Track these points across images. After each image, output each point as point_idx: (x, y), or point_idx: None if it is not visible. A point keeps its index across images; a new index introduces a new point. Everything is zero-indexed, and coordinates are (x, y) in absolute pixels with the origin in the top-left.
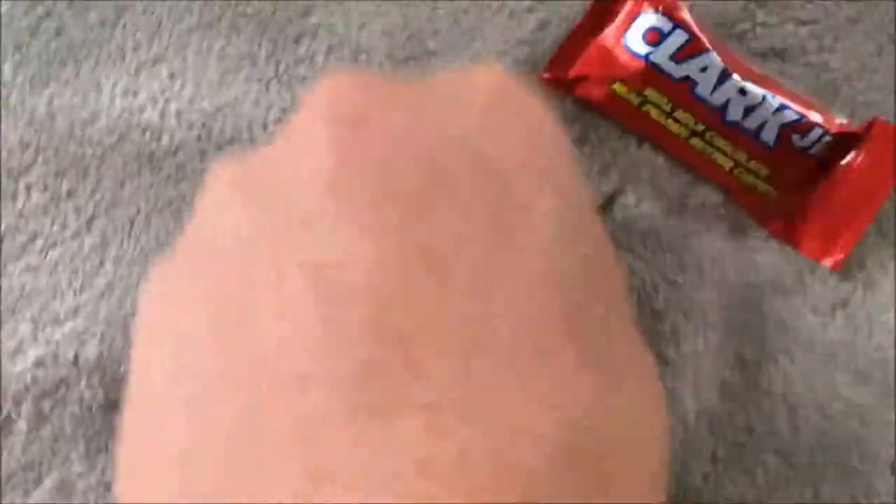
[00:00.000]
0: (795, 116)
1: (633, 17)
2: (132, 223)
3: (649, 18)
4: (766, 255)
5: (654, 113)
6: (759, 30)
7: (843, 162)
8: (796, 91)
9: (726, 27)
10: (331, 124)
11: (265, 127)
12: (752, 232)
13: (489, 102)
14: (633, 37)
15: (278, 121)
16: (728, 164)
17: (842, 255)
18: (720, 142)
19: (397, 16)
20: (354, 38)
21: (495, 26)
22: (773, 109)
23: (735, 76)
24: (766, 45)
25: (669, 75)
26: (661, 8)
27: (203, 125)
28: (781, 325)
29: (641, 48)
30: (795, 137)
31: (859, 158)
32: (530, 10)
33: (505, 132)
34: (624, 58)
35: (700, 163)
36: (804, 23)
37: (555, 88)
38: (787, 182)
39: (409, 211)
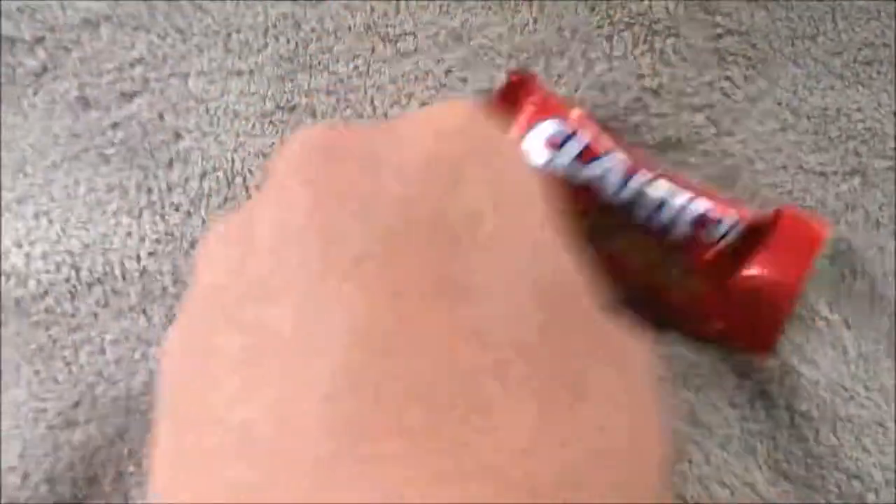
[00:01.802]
0: (703, 210)
1: (530, 126)
2: (1, 375)
3: (547, 127)
4: (679, 347)
5: None
6: (654, 121)
7: (757, 252)
8: (702, 185)
9: (619, 120)
10: (301, 171)
11: (139, 260)
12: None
13: (457, 139)
14: (531, 146)
15: (152, 254)
16: (643, 263)
17: (771, 345)
18: (631, 241)
19: (272, 134)
20: (229, 160)
21: None
22: (680, 206)
23: (638, 175)
24: (662, 136)
25: (572, 181)
26: (557, 115)
27: (72, 265)
28: (693, 418)
29: (542, 157)
30: (706, 231)
31: (770, 248)
32: None
33: (475, 170)
34: None
35: (614, 265)
36: (699, 109)
37: None
38: (704, 275)
39: (384, 256)
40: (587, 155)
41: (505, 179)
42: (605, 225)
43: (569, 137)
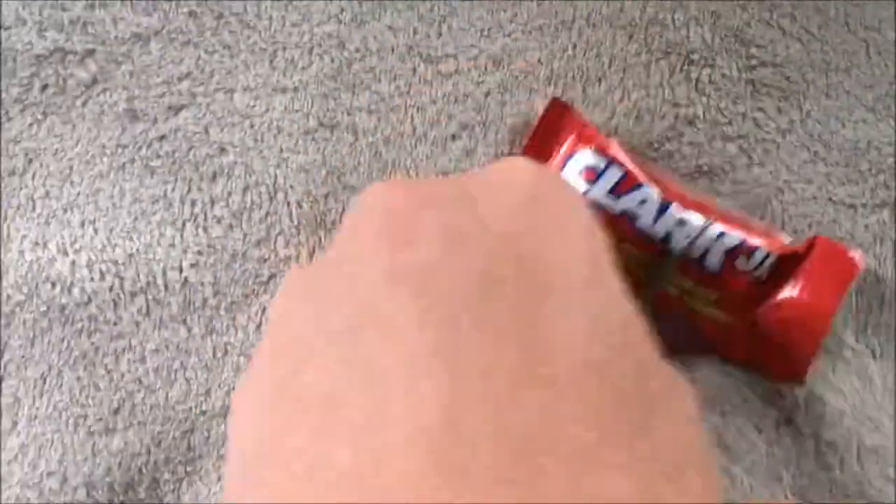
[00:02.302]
0: (737, 241)
1: (568, 157)
2: (44, 380)
3: (584, 158)
4: (706, 371)
5: None
6: (686, 149)
7: (791, 281)
8: (736, 213)
9: (653, 148)
10: (382, 237)
11: (181, 271)
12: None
13: (530, 195)
14: (570, 176)
15: (194, 265)
16: (676, 292)
17: (802, 375)
18: (667, 271)
19: (314, 151)
20: (271, 175)
21: (418, 156)
22: (714, 236)
23: (673, 207)
24: (694, 164)
25: (609, 211)
26: (594, 146)
27: (116, 274)
28: (719, 443)
29: (580, 186)
30: (740, 261)
31: (804, 278)
32: (454, 137)
33: (547, 226)
34: None
35: (647, 293)
36: (732, 138)
37: None
38: (737, 305)
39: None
40: (624, 186)
41: (579, 236)
42: (640, 255)
43: (606, 168)
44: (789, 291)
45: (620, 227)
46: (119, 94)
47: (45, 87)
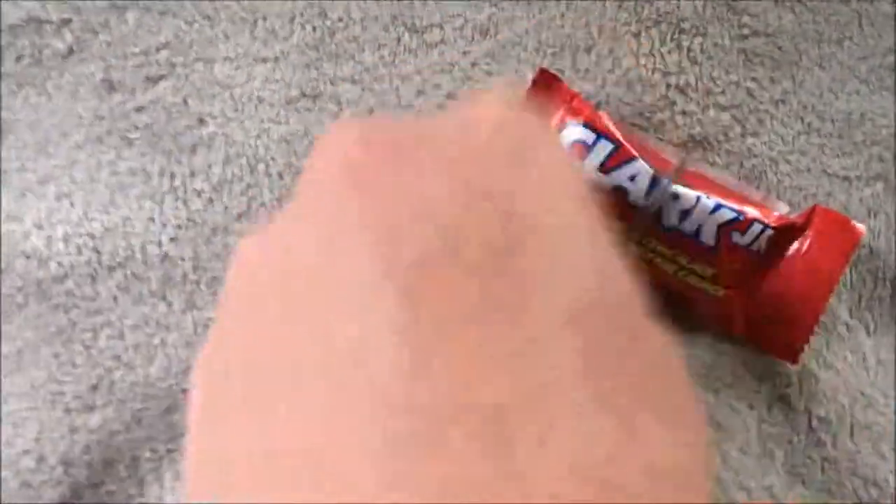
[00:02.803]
0: (733, 215)
1: (557, 130)
2: (21, 356)
3: (573, 132)
4: (698, 349)
5: None
6: (679, 118)
7: (789, 253)
8: (731, 184)
9: (644, 117)
10: (346, 173)
11: (160, 245)
12: (681, 322)
13: (502, 140)
14: None
15: (174, 239)
16: (671, 268)
17: (802, 347)
18: (660, 247)
19: (296, 122)
20: (252, 146)
21: None
22: (709, 210)
23: (665, 180)
24: (687, 134)
25: (600, 186)
26: (583, 120)
27: (93, 248)
28: (711, 421)
29: None
30: (735, 235)
31: (805, 249)
32: (439, 107)
33: (523, 176)
34: None
35: (642, 269)
36: (726, 108)
37: None
38: (734, 280)
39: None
40: (614, 160)
41: (556, 177)
42: (632, 229)
43: (595, 142)
44: (789, 263)
45: (611, 202)
46: (96, 65)
47: (19, 58)
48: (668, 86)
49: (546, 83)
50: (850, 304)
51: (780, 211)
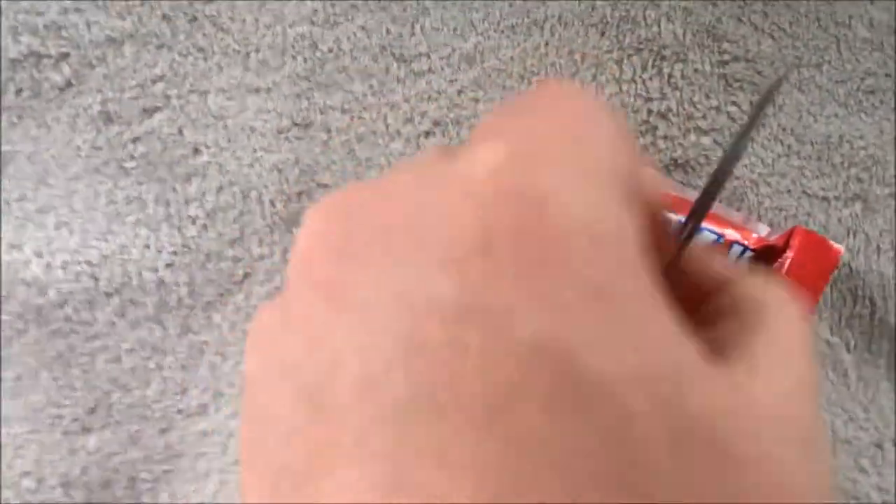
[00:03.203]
0: (713, 237)
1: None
2: (20, 381)
3: None
4: None
5: None
6: (661, 143)
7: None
8: (713, 207)
9: None
10: (316, 289)
11: (156, 271)
12: None
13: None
14: None
15: (169, 265)
16: None
17: None
18: None
19: (287, 150)
20: (245, 174)
21: (391, 153)
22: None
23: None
24: (668, 158)
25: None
26: None
27: (91, 275)
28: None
29: None
30: None
31: (785, 269)
32: (427, 135)
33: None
34: None
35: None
36: (706, 132)
37: None
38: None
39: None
40: None
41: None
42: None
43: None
44: None
45: None
46: (93, 97)
47: (19, 91)
48: (650, 111)
49: None
50: (831, 322)
51: (761, 233)
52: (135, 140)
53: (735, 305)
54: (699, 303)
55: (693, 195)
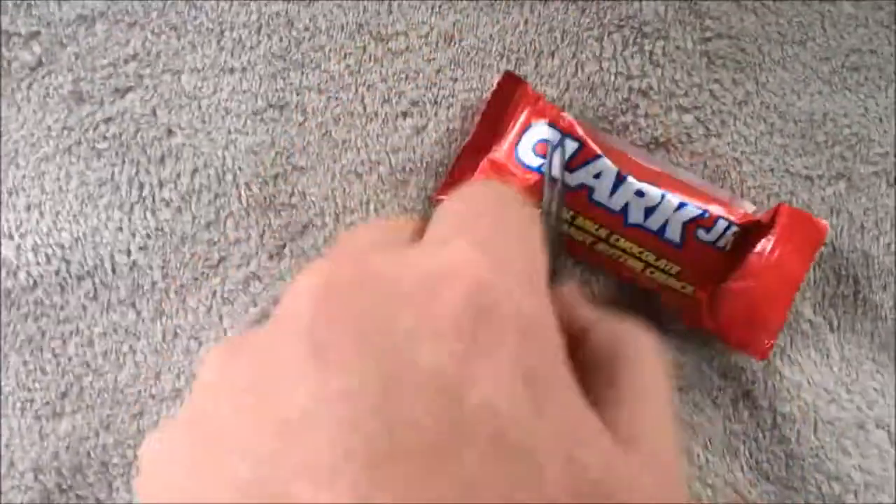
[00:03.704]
0: (697, 212)
1: (522, 131)
2: None
3: (538, 131)
4: (664, 347)
5: None
6: (642, 121)
7: (755, 251)
8: (696, 183)
9: (608, 121)
10: (304, 359)
11: (129, 254)
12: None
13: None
14: (524, 150)
15: (142, 248)
16: (639, 266)
17: (770, 343)
18: (626, 244)
19: (263, 132)
20: (220, 157)
21: (369, 134)
22: (673, 207)
23: (630, 178)
24: (650, 137)
25: (565, 184)
26: (548, 119)
27: (62, 257)
28: (678, 420)
29: (534, 161)
30: (701, 232)
31: (770, 246)
32: (405, 115)
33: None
34: (518, 172)
35: (610, 266)
36: (688, 109)
37: None
38: (701, 277)
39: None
40: (579, 159)
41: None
42: (596, 229)
43: (560, 141)
44: (756, 260)
45: (576, 201)
46: (64, 77)
47: None
48: (631, 89)
49: (511, 86)
50: (814, 301)
51: (746, 210)
52: (107, 120)
53: (599, 355)
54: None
55: (676, 172)
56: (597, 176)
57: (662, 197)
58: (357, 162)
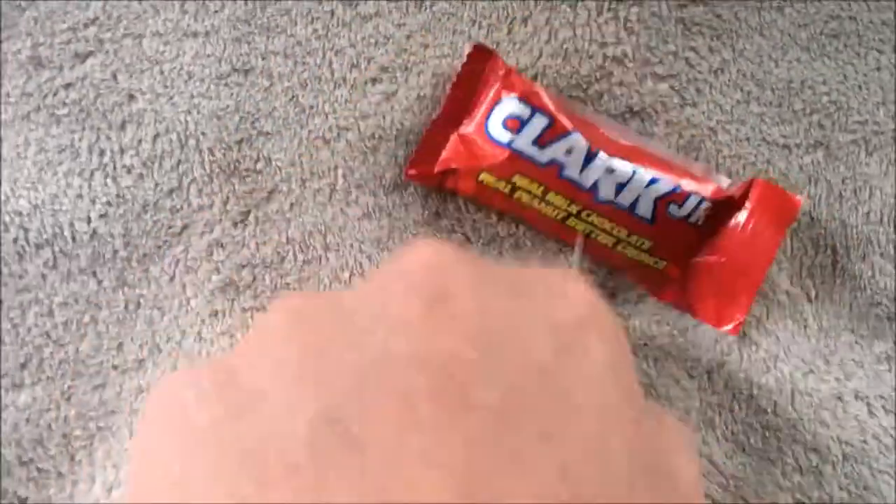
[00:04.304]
0: (669, 188)
1: (493, 106)
2: None
3: (509, 106)
4: (637, 319)
5: (525, 199)
6: (616, 90)
7: (728, 225)
8: (669, 157)
9: (581, 89)
10: (419, 297)
11: (89, 222)
12: (622, 294)
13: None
14: (494, 125)
15: (103, 216)
16: (610, 241)
17: (741, 318)
18: (598, 220)
19: (227, 97)
20: (182, 122)
21: (336, 100)
22: (644, 183)
23: (601, 154)
24: (624, 106)
25: (535, 160)
26: (519, 94)
27: (20, 225)
28: (651, 391)
29: (504, 136)
30: (672, 208)
31: (743, 221)
32: (374, 81)
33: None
34: (488, 148)
35: (583, 242)
36: (664, 78)
37: (422, 184)
38: (673, 252)
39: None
40: (549, 135)
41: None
42: (568, 205)
43: (531, 117)
44: (728, 235)
45: (547, 177)
46: (23, 42)
47: None
48: (605, 56)
49: (481, 58)
50: (791, 272)
51: (722, 184)
52: (67, 86)
53: None
54: None
55: (649, 146)
56: (568, 152)
57: (633, 173)
58: (325, 128)
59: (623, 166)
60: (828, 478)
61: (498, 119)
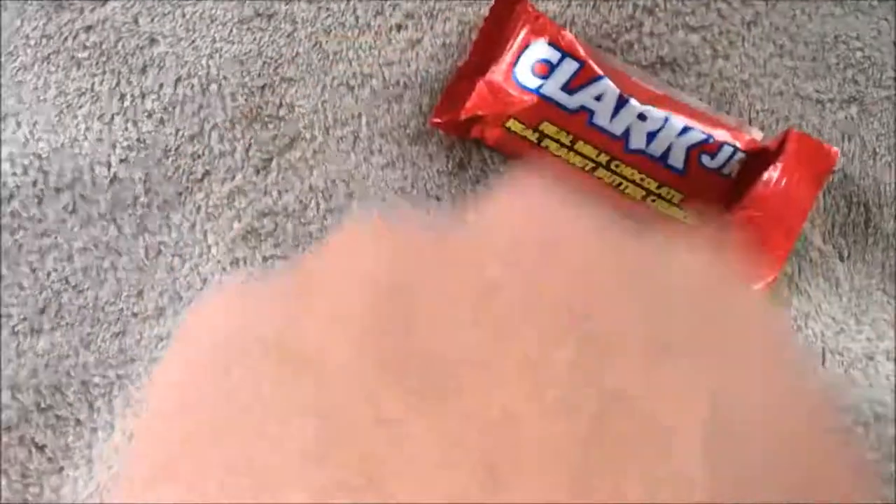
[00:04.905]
0: (702, 137)
1: (521, 51)
2: None
3: (538, 50)
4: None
5: (553, 148)
6: (647, 40)
7: (762, 179)
8: (703, 108)
9: (611, 39)
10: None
11: (109, 167)
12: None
13: None
14: (522, 71)
15: (124, 160)
16: (639, 194)
17: (773, 276)
18: (627, 171)
19: (250, 41)
20: (204, 66)
21: (360, 47)
22: (676, 132)
23: (633, 101)
24: (655, 56)
25: (564, 107)
26: (548, 38)
27: (39, 168)
28: None
29: (532, 82)
30: (705, 158)
31: (778, 174)
32: (399, 28)
33: None
34: (515, 93)
35: (610, 195)
36: (695, 29)
37: (447, 133)
38: (705, 206)
39: None
40: (579, 80)
41: None
42: (597, 154)
43: (560, 61)
44: (762, 188)
45: (576, 125)
46: None
47: None
48: (636, 6)
49: (509, 2)
50: (824, 229)
51: (754, 136)
52: (87, 29)
53: None
54: None
55: (681, 96)
56: (598, 98)
57: (666, 120)
58: (349, 74)
59: (655, 113)
60: (859, 438)
61: (526, 64)
